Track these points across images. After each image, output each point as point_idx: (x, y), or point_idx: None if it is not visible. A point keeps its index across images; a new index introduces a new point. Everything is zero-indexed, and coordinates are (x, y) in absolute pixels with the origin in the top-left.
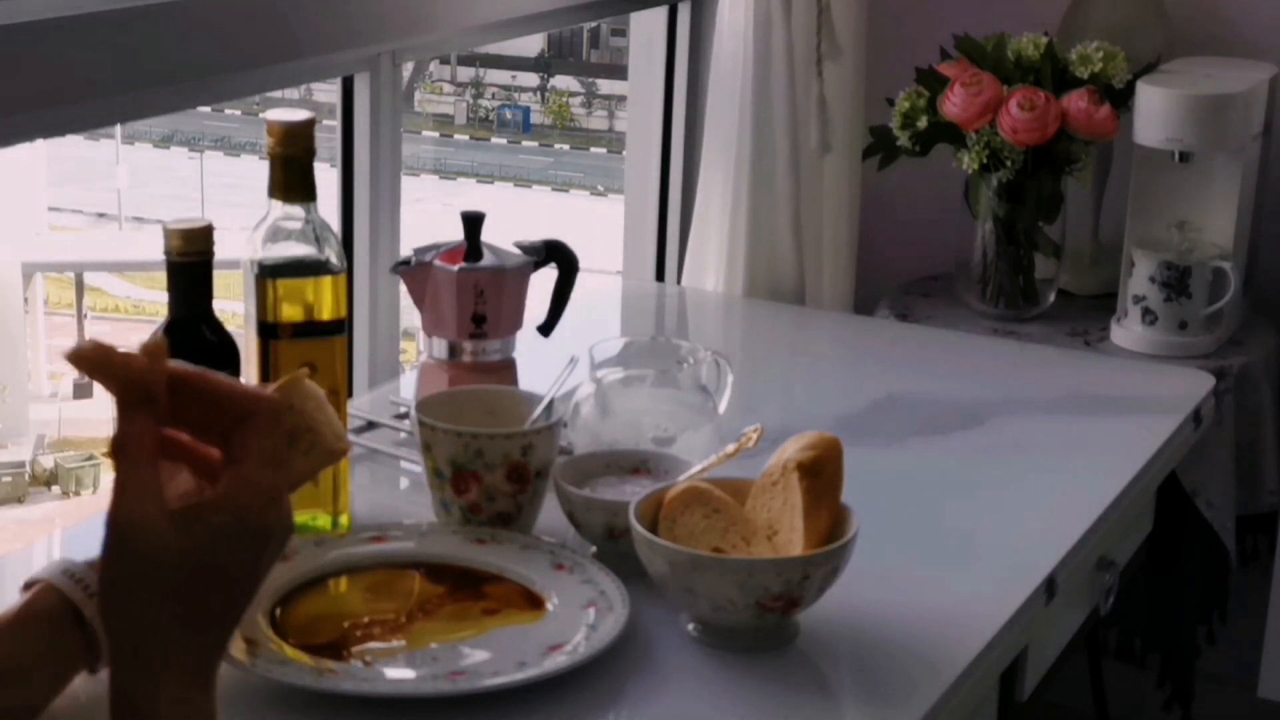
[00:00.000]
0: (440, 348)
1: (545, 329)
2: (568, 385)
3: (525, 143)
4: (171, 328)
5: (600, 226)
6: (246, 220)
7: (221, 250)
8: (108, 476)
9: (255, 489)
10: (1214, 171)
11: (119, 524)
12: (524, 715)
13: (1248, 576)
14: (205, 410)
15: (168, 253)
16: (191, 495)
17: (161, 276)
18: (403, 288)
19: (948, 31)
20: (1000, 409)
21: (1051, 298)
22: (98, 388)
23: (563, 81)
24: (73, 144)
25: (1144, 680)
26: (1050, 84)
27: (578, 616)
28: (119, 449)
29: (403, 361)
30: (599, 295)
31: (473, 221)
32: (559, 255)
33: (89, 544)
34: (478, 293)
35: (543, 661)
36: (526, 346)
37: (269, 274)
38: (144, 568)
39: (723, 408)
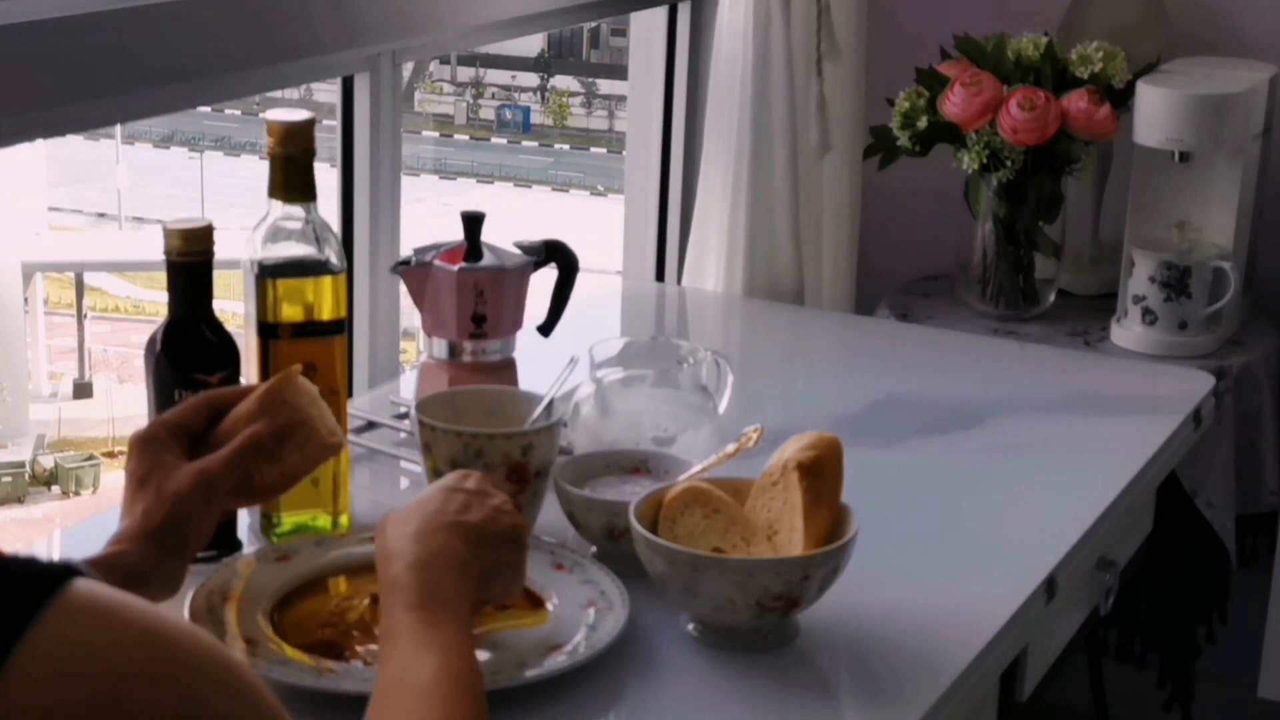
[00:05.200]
0: (440, 348)
1: (545, 329)
2: (568, 385)
3: (525, 143)
4: (171, 328)
5: (600, 226)
6: (246, 220)
7: (221, 250)
8: (107, 476)
9: None
10: (1214, 171)
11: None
12: (524, 715)
13: (1248, 576)
14: None
15: (168, 253)
16: None
17: (161, 276)
18: (403, 288)
19: (948, 31)
20: (1000, 409)
21: (1051, 298)
22: (97, 388)
23: (563, 81)
24: (73, 144)
25: (1144, 680)
26: (1050, 84)
27: (578, 616)
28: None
29: (403, 361)
30: (599, 295)
31: (473, 221)
32: (559, 255)
33: (89, 544)
34: (478, 293)
35: (543, 661)
36: (526, 346)
37: (269, 274)
38: None
39: (723, 408)
